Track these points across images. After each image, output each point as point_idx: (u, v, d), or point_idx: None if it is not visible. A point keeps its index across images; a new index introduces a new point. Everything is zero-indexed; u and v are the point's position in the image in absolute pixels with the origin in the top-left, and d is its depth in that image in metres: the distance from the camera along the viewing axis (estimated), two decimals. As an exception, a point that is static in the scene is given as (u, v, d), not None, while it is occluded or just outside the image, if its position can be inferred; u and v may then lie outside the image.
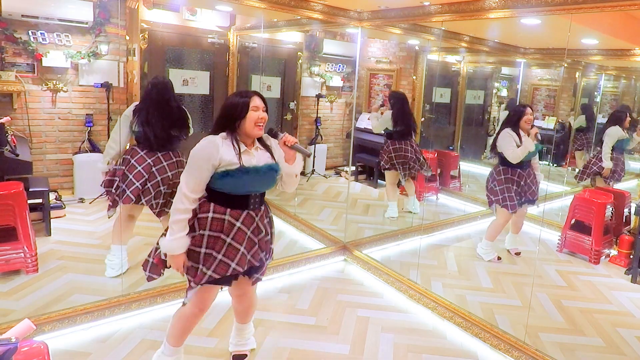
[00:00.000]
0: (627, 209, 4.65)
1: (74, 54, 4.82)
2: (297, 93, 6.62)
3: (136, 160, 3.27)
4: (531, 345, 2.76)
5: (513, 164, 3.86)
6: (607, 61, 5.45)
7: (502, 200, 3.93)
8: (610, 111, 5.97)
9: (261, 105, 2.10)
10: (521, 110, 3.87)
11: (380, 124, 5.07)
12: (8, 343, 1.32)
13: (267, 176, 2.12)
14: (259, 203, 2.18)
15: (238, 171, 2.02)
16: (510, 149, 3.79)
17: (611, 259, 4.34)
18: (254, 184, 2.10)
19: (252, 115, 2.06)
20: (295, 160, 2.17)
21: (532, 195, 4.00)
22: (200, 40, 5.61)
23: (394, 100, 5.02)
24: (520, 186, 3.94)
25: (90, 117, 5.05)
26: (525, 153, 3.79)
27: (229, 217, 2.10)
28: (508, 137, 3.83)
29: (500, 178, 3.95)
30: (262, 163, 2.11)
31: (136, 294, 2.98)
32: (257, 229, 2.19)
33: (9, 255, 3.27)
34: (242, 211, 2.12)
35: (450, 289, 3.59)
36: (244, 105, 2.06)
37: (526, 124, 3.84)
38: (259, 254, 2.21)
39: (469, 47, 5.38)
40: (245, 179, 2.05)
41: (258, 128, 2.09)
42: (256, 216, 2.17)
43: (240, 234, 2.12)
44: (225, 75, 5.82)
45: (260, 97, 2.12)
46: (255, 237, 2.18)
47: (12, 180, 3.56)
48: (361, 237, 4.43)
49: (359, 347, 2.81)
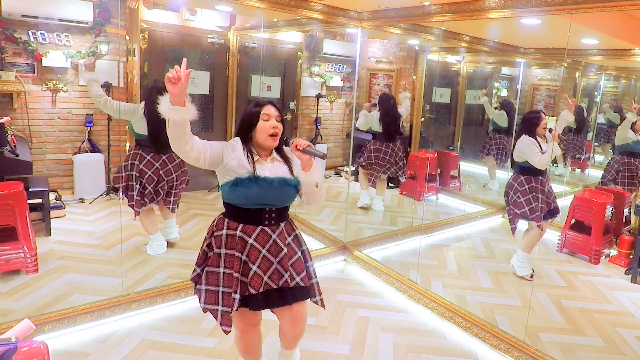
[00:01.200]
0: (627, 209, 4.65)
1: (74, 54, 4.81)
2: (297, 93, 6.62)
3: (145, 165, 3.45)
4: (531, 345, 2.76)
5: (535, 173, 3.67)
6: (607, 61, 5.45)
7: (529, 212, 3.66)
8: (611, 111, 6.00)
9: (274, 114, 1.99)
10: (537, 117, 3.68)
11: (366, 122, 5.22)
12: (8, 343, 1.32)
13: (282, 190, 1.97)
14: (276, 219, 2.01)
15: (248, 180, 1.92)
16: (537, 155, 3.57)
17: (611, 259, 4.35)
18: (266, 197, 1.95)
19: (263, 125, 1.97)
20: (312, 168, 1.95)
21: (554, 203, 3.80)
22: (200, 40, 5.61)
23: (381, 102, 5.17)
24: (546, 194, 3.73)
25: (90, 117, 5.05)
26: (553, 157, 3.62)
27: (240, 233, 1.98)
28: (530, 144, 3.61)
29: (524, 188, 3.68)
30: (276, 175, 1.97)
31: (136, 294, 2.98)
32: (276, 248, 2.00)
33: (9, 255, 3.27)
34: (256, 227, 1.99)
35: (450, 289, 3.59)
36: (255, 115, 1.99)
37: (543, 130, 3.68)
38: (281, 275, 2.00)
39: (469, 47, 5.39)
40: (256, 190, 1.92)
41: (272, 139, 1.97)
42: (273, 233, 2.00)
43: (253, 251, 1.97)
44: (225, 75, 5.82)
45: (274, 106, 2.02)
46: (274, 257, 1.99)
47: (12, 180, 3.55)
48: (361, 237, 4.43)
49: (359, 347, 2.81)
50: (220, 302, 1.99)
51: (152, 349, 2.63)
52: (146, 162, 3.45)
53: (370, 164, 5.24)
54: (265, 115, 1.98)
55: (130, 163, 3.47)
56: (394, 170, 5.24)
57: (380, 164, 5.20)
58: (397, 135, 5.22)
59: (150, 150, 3.45)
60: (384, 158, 5.18)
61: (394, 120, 5.14)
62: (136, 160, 3.45)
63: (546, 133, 3.74)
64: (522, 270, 3.87)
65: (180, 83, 1.71)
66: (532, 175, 3.68)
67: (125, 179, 3.49)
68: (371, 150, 5.22)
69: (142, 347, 2.65)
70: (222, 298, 1.99)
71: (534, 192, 3.67)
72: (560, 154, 3.71)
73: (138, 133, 3.48)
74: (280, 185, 1.96)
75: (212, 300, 2.01)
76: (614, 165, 4.91)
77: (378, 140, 5.22)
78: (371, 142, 5.26)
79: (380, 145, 5.20)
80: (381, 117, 5.11)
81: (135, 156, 3.47)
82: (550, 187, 3.83)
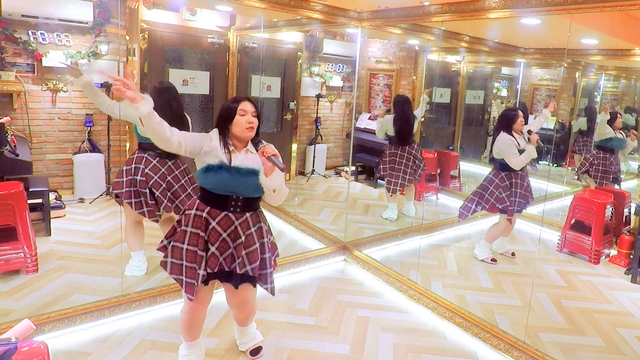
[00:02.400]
0: (627, 209, 4.65)
1: (74, 54, 4.81)
2: (297, 93, 6.61)
3: (151, 169, 3.20)
4: (531, 345, 2.76)
5: (514, 169, 3.82)
6: (607, 61, 5.45)
7: (510, 205, 3.86)
8: (610, 111, 5.99)
9: (250, 109, 2.16)
10: (514, 114, 3.85)
11: (381, 128, 5.00)
12: (8, 343, 1.32)
13: (248, 179, 2.12)
14: (241, 208, 2.18)
15: (218, 167, 2.10)
16: (514, 156, 3.73)
17: (611, 259, 4.35)
18: (233, 185, 2.12)
19: (239, 120, 2.14)
20: (272, 174, 2.05)
21: (530, 195, 4.01)
22: (200, 40, 5.61)
23: (395, 103, 4.96)
24: (525, 188, 3.93)
25: (90, 117, 5.06)
26: (529, 160, 3.78)
27: (206, 215, 2.17)
28: (510, 142, 3.75)
29: (506, 184, 3.87)
30: (245, 166, 2.13)
31: (136, 294, 2.98)
32: (235, 234, 2.19)
33: (9, 255, 3.27)
34: (221, 212, 2.17)
35: (450, 289, 3.59)
36: (232, 110, 2.15)
37: (520, 126, 3.85)
38: (234, 259, 2.20)
39: (469, 47, 5.39)
40: (225, 176, 2.10)
41: (248, 130, 2.15)
42: (236, 220, 2.18)
43: (213, 233, 2.17)
44: (225, 75, 5.82)
45: (250, 102, 2.19)
46: (232, 242, 2.19)
47: (12, 180, 3.55)
48: (361, 237, 4.43)
49: (359, 347, 2.81)
50: (184, 274, 2.19)
51: (152, 349, 2.63)
52: (152, 167, 3.19)
53: (386, 171, 4.95)
54: (242, 110, 2.15)
55: (134, 167, 3.18)
56: (412, 178, 4.91)
57: (397, 168, 4.89)
58: (411, 138, 4.96)
59: (155, 154, 3.21)
60: (400, 162, 4.89)
61: (407, 122, 4.88)
62: (141, 164, 3.18)
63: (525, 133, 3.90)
64: (482, 254, 4.14)
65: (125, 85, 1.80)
66: (513, 171, 3.87)
67: (129, 184, 3.18)
68: (387, 155, 4.95)
69: (142, 347, 2.65)
70: (185, 270, 2.19)
71: (514, 188, 3.87)
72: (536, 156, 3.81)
73: (143, 136, 3.22)
74: (248, 174, 2.12)
75: (177, 271, 2.22)
76: (589, 159, 5.18)
77: (393, 145, 4.95)
78: (386, 147, 5.00)
79: (396, 150, 4.91)
80: (395, 119, 4.86)
81: (140, 160, 3.19)
82: (528, 179, 4.00)
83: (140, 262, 3.45)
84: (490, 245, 4.18)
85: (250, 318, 2.57)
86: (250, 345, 2.62)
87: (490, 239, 4.15)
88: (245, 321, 2.57)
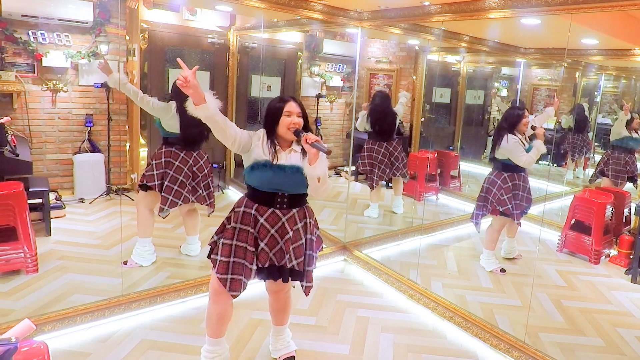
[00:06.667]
0: (627, 209, 4.65)
1: (74, 54, 4.82)
2: (297, 93, 6.61)
3: (181, 162, 3.44)
4: (531, 345, 2.76)
5: (518, 169, 3.74)
6: (607, 61, 5.45)
7: (512, 208, 3.74)
8: (610, 111, 5.99)
9: (295, 110, 2.19)
10: (520, 114, 3.76)
11: (361, 122, 5.09)
12: (8, 343, 1.32)
13: (293, 177, 2.15)
14: (287, 204, 2.22)
15: (263, 165, 2.14)
16: (523, 155, 3.63)
17: (611, 259, 4.35)
18: (279, 182, 2.16)
19: (284, 120, 2.18)
20: (317, 162, 2.04)
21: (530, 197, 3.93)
22: (200, 40, 5.61)
23: (372, 98, 5.03)
24: (527, 191, 3.84)
25: (90, 117, 5.06)
26: (539, 156, 3.68)
27: (255, 212, 2.21)
28: (516, 143, 3.65)
29: (508, 185, 3.74)
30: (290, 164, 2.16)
31: (136, 294, 2.98)
32: (283, 230, 2.22)
33: (9, 255, 3.27)
34: (268, 208, 2.21)
35: (450, 289, 3.59)
36: (279, 110, 2.19)
37: (524, 127, 3.77)
38: (283, 255, 2.23)
39: (469, 47, 5.38)
40: (270, 174, 2.14)
41: (291, 131, 2.17)
42: (283, 216, 2.22)
43: (262, 229, 2.21)
44: (225, 75, 5.82)
45: (296, 102, 2.22)
46: (280, 238, 2.22)
47: (12, 180, 3.55)
48: (361, 237, 4.43)
49: (359, 347, 2.81)
50: (230, 271, 2.21)
51: (152, 349, 2.63)
52: (181, 159, 3.43)
53: (364, 165, 5.01)
54: (287, 112, 2.19)
55: (165, 161, 3.41)
56: (391, 171, 5.00)
57: (374, 164, 4.94)
58: (392, 134, 5.01)
59: (181, 147, 3.44)
60: (376, 157, 4.94)
61: (383, 117, 4.90)
62: (170, 157, 3.42)
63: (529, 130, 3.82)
64: (490, 266, 3.99)
65: (190, 83, 1.94)
66: (515, 172, 3.78)
67: (161, 176, 3.40)
68: (364, 150, 5.03)
69: (142, 347, 2.65)
70: (232, 267, 2.21)
71: (516, 190, 3.78)
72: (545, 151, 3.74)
73: (168, 131, 3.42)
74: (292, 172, 2.15)
75: (222, 270, 2.21)
76: (604, 158, 5.14)
77: (371, 140, 5.02)
78: (365, 142, 5.08)
79: (373, 145, 4.98)
80: (369, 113, 4.92)
81: (168, 154, 3.43)
82: (529, 182, 3.92)
83: (146, 250, 3.58)
84: (494, 253, 4.02)
85: (287, 312, 2.56)
86: (282, 353, 2.58)
87: (490, 245, 3.99)
88: (283, 316, 2.55)
